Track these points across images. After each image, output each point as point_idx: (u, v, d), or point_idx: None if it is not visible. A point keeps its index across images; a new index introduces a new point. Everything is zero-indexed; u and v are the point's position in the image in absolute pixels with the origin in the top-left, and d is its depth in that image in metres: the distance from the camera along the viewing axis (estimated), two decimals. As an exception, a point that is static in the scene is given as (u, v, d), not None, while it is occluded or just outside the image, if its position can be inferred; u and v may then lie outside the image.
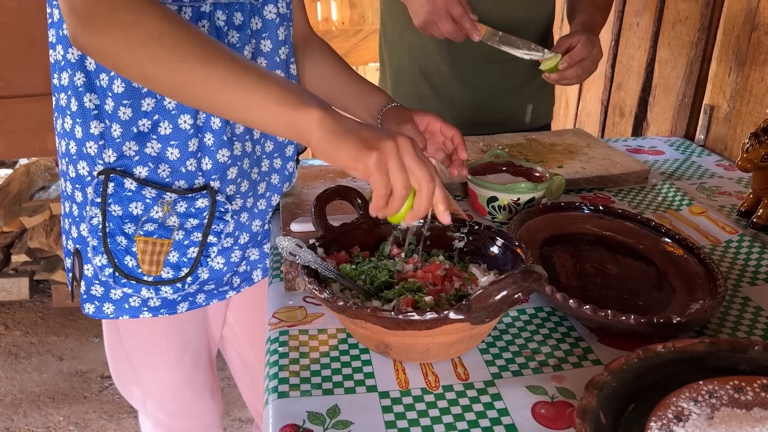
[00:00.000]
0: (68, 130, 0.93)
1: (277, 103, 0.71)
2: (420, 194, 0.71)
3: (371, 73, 3.56)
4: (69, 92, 0.91)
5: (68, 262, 1.02)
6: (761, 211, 1.06)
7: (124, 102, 0.89)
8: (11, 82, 2.21)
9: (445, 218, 0.73)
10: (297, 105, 0.71)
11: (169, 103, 0.90)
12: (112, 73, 0.87)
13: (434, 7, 1.16)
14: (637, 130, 1.83)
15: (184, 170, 0.94)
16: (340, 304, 0.68)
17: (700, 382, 0.63)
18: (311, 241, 0.81)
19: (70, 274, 1.02)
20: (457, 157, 1.01)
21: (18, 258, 2.68)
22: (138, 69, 0.73)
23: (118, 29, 0.71)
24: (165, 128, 0.91)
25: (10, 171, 2.93)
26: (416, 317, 0.64)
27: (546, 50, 1.21)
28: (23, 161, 2.95)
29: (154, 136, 0.91)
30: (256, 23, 0.96)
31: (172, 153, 0.93)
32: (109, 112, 0.89)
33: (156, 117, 0.90)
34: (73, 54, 0.88)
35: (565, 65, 1.19)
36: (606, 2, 1.38)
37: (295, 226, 0.99)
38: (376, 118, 1.05)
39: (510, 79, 1.45)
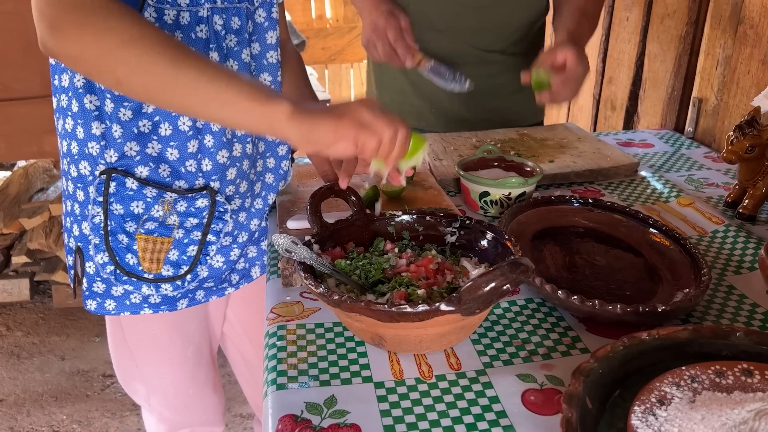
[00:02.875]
0: (69, 130, 0.95)
1: (248, 99, 0.75)
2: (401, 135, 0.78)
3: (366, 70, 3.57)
4: (69, 93, 0.92)
5: (70, 260, 1.04)
6: (747, 201, 1.08)
7: (125, 104, 0.91)
8: (8, 85, 2.23)
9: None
10: (267, 101, 0.75)
11: None
12: None
13: (375, 28, 1.18)
14: (629, 123, 1.85)
15: (184, 170, 0.96)
16: (335, 298, 0.70)
17: (683, 368, 0.65)
18: (307, 238, 0.83)
19: (72, 272, 1.04)
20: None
21: (18, 259, 2.69)
22: (110, 74, 0.75)
23: (89, 35, 0.72)
24: (165, 129, 0.93)
25: (8, 173, 2.94)
26: (409, 309, 0.67)
27: (468, 82, 1.22)
28: (21, 163, 2.96)
29: (155, 137, 0.93)
30: (249, 27, 0.98)
31: (171, 153, 0.95)
32: (109, 113, 0.91)
33: (157, 118, 0.92)
34: None
35: (558, 84, 1.13)
36: (594, 9, 1.29)
37: (291, 224, 1.01)
38: None
39: (495, 84, 1.43)
